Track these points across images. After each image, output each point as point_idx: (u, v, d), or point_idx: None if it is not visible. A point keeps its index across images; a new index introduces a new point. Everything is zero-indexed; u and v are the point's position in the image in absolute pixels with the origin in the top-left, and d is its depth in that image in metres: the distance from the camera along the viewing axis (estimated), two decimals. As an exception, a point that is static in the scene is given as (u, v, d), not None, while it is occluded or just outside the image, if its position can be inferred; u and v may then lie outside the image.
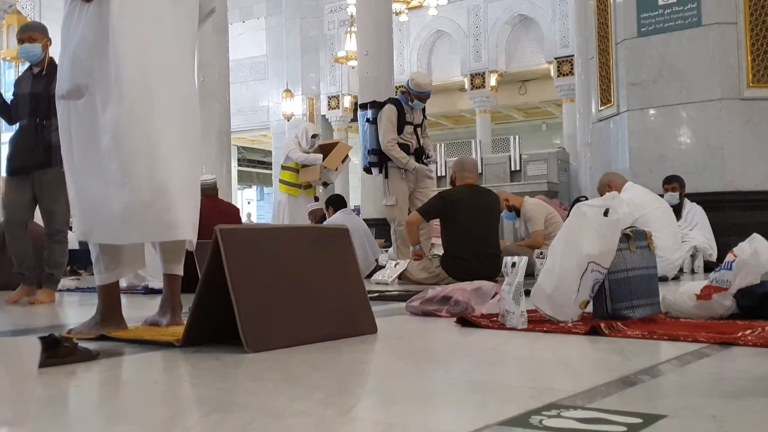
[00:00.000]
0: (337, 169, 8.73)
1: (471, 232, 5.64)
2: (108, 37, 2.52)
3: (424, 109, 7.07)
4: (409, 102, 6.87)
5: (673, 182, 6.97)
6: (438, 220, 6.03)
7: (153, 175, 2.52)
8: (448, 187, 6.70)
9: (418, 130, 6.96)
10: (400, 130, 6.79)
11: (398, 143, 6.78)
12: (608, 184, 5.85)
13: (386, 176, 6.93)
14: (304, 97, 19.03)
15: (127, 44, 2.52)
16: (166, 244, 2.74)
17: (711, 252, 6.69)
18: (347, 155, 8.86)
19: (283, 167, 8.99)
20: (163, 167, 2.55)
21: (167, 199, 2.54)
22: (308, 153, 8.65)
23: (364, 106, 7.43)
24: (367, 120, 7.06)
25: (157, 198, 2.52)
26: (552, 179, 12.75)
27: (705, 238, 6.77)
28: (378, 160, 6.91)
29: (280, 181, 9.07)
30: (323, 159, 8.56)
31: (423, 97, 6.86)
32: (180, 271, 2.81)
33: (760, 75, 7.29)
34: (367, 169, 7.21)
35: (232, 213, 7.20)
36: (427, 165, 6.99)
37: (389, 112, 6.80)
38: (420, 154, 6.92)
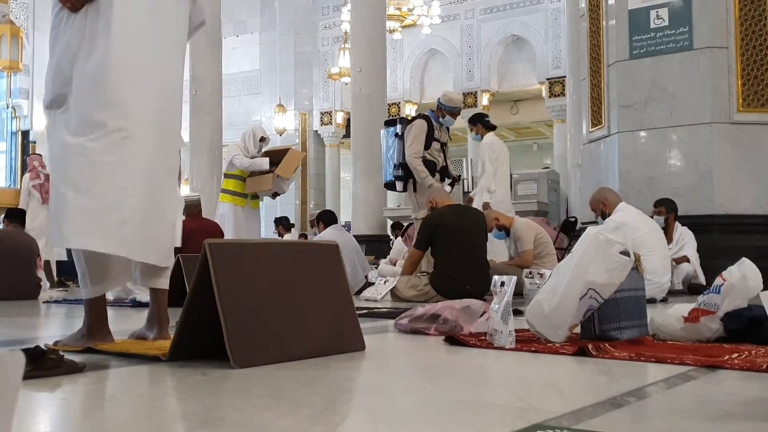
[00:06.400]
0: (289, 178, 8.03)
1: (459, 251, 5.66)
2: (90, 47, 2.49)
3: (448, 129, 7.11)
4: (439, 119, 6.91)
5: (659, 206, 6.93)
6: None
7: (124, 191, 2.48)
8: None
9: (445, 148, 6.99)
10: (427, 146, 6.81)
11: (425, 159, 6.80)
12: (602, 202, 5.85)
13: (414, 190, 6.93)
14: (297, 112, 19.05)
15: (114, 55, 2.49)
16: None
17: (696, 275, 6.69)
18: (299, 163, 8.24)
19: (227, 175, 8.20)
20: (136, 184, 2.50)
21: (135, 214, 2.49)
22: (254, 158, 7.97)
23: (391, 123, 7.39)
24: (396, 135, 7.06)
25: (127, 212, 2.47)
26: (542, 199, 12.82)
27: (692, 259, 6.78)
28: (404, 174, 6.91)
29: (223, 190, 8.26)
30: (274, 166, 7.85)
31: (455, 112, 6.92)
32: (165, 284, 2.76)
33: (750, 99, 7.34)
34: (391, 185, 7.17)
35: (217, 231, 7.18)
36: (452, 186, 7.03)
37: (421, 126, 6.83)
38: (445, 174, 6.95)
